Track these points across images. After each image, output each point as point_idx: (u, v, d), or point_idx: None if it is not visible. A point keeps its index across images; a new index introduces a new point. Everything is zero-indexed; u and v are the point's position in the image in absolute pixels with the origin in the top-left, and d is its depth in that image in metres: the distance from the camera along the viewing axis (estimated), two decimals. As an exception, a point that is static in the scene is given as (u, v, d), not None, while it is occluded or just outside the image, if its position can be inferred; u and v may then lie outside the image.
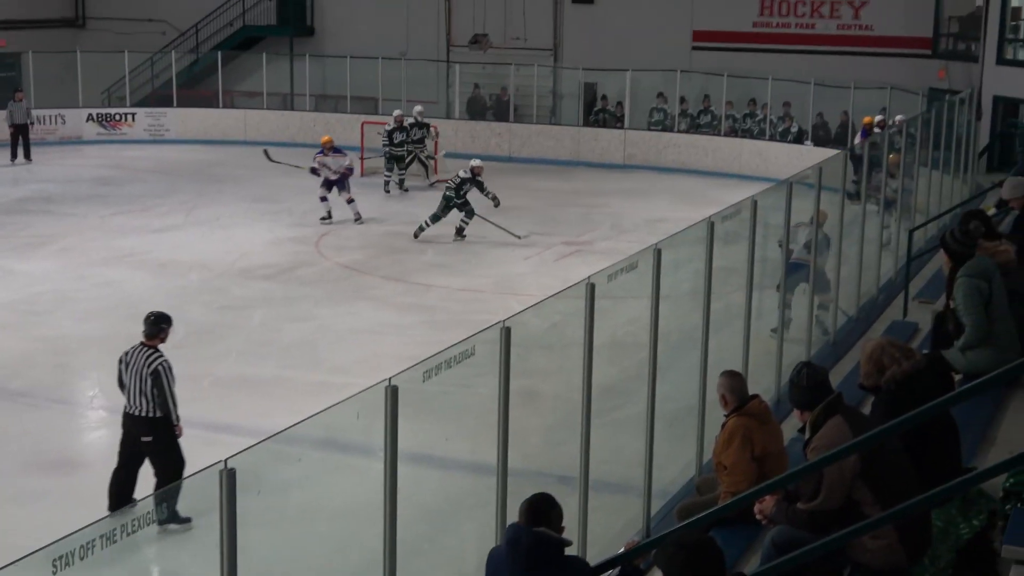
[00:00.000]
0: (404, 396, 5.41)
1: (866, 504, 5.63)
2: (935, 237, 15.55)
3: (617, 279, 7.38)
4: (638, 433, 8.04)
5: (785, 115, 28.41)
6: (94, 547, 4.00)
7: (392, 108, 29.34)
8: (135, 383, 9.56)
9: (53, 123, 31.13)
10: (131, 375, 9.59)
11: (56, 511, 9.58)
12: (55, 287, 17.12)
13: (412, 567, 6.76)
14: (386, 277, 18.02)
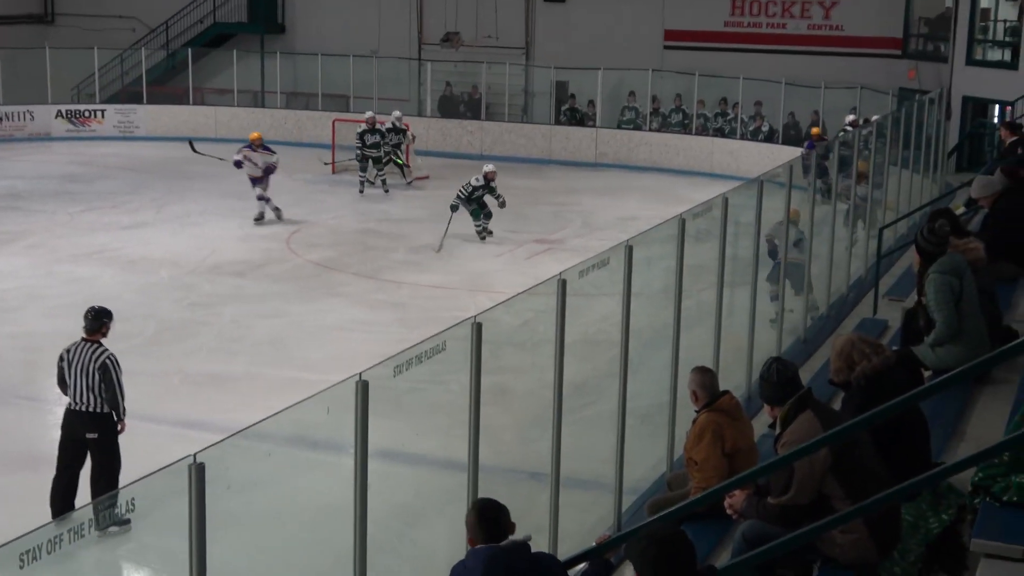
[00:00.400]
0: (375, 392, 5.39)
1: (836, 499, 5.65)
2: (905, 236, 15.64)
3: (588, 276, 7.37)
4: (609, 430, 8.05)
5: (756, 114, 28.51)
6: (62, 542, 3.97)
7: (364, 106, 29.30)
8: (81, 379, 9.37)
9: (22, 119, 30.91)
10: (76, 371, 9.39)
11: (24, 507, 9.50)
12: (23, 284, 17.01)
13: (383, 564, 6.76)
14: (357, 274, 17.98)
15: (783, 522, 5.69)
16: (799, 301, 11.92)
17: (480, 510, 5.40)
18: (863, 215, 14.43)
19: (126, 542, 8.82)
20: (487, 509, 5.41)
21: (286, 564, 8.16)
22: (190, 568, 4.55)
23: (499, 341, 7.39)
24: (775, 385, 6.05)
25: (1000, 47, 26.19)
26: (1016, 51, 24.97)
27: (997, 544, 5.34)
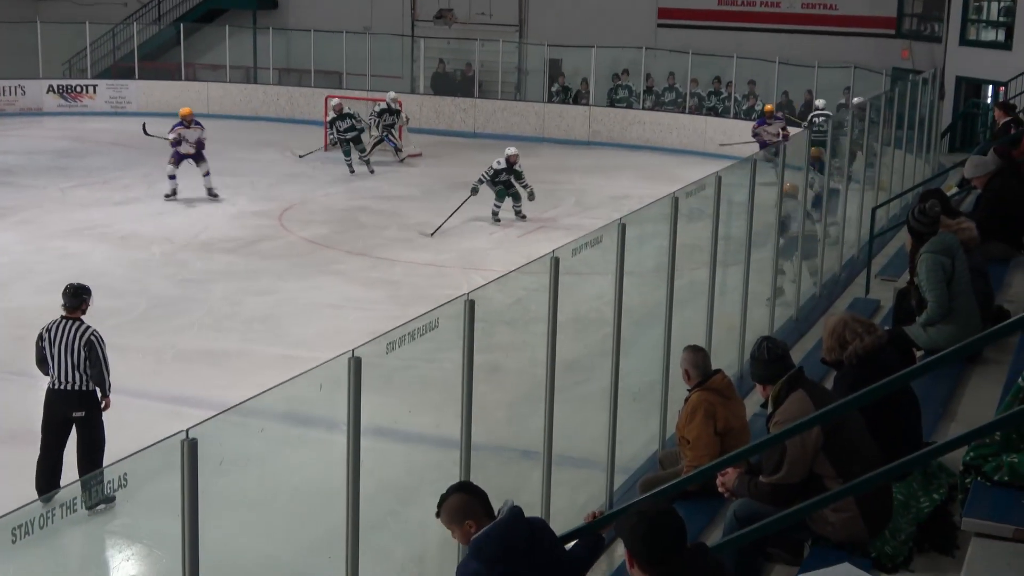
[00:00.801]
0: (367, 369, 5.39)
1: (828, 478, 5.67)
2: (897, 216, 15.65)
3: (581, 254, 7.36)
4: (601, 408, 8.05)
5: (750, 93, 28.48)
6: (53, 517, 3.97)
7: (357, 83, 29.26)
8: (65, 357, 9.27)
9: (13, 94, 30.80)
10: (60, 349, 9.27)
11: (15, 482, 9.50)
12: (14, 259, 16.97)
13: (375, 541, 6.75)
14: (350, 251, 17.96)
15: (774, 501, 5.71)
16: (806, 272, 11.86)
17: (466, 488, 5.32)
18: (818, 207, 13.30)
19: (115, 518, 8.82)
20: (470, 485, 5.37)
21: (279, 540, 8.16)
22: (183, 543, 4.55)
23: (491, 319, 7.36)
24: (765, 363, 6.06)
25: (994, 27, 26.17)
26: (1010, 31, 24.97)
27: (988, 523, 5.35)
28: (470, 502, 5.17)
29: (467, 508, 5.14)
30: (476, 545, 5.03)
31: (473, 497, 5.20)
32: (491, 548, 4.99)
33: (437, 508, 5.24)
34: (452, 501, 5.18)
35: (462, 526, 5.11)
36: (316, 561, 7.77)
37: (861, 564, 5.61)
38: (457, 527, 5.14)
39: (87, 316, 9.60)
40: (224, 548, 6.97)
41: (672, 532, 4.29)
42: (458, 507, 5.16)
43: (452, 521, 5.16)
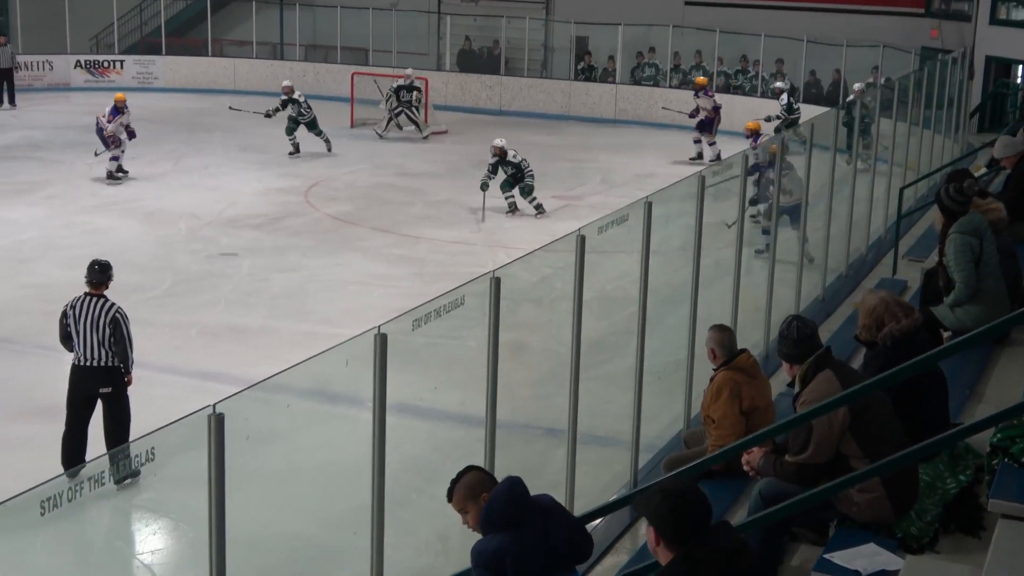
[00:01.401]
0: (393, 346, 5.39)
1: (854, 458, 5.65)
2: (925, 196, 15.56)
3: (607, 232, 7.35)
4: (626, 387, 8.04)
5: (777, 72, 28.32)
6: (82, 490, 3.99)
7: (383, 60, 29.25)
8: (91, 334, 9.29)
9: (41, 69, 30.89)
10: (86, 326, 9.29)
11: (42, 456, 9.56)
12: (42, 234, 17.05)
13: (399, 518, 6.77)
14: (375, 228, 17.97)
15: (800, 480, 5.70)
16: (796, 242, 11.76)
17: (479, 468, 5.37)
18: (794, 222, 11.87)
19: (142, 492, 8.88)
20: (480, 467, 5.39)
21: (304, 516, 8.20)
22: (209, 518, 4.58)
23: (516, 297, 7.37)
24: (795, 342, 6.03)
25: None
26: (1042, 11, 24.76)
27: (1014, 505, 5.34)
28: (485, 479, 5.23)
29: (483, 484, 5.19)
30: (484, 520, 5.07)
31: (486, 475, 5.28)
32: (498, 516, 5.04)
33: (449, 491, 5.25)
34: (469, 477, 5.24)
35: (478, 501, 5.13)
36: (341, 536, 7.80)
37: (887, 544, 5.61)
38: (473, 503, 5.15)
39: (111, 290, 9.64)
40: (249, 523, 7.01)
41: (697, 510, 4.28)
42: (475, 482, 5.20)
43: (469, 497, 5.17)
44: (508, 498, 5.05)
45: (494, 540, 5.00)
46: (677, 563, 4.23)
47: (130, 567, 8.47)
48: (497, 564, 4.96)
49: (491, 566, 4.97)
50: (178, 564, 8.39)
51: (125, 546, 8.81)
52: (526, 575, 4.97)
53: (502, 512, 5.03)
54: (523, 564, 4.96)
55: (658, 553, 4.32)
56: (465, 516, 5.21)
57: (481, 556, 5.02)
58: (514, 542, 4.97)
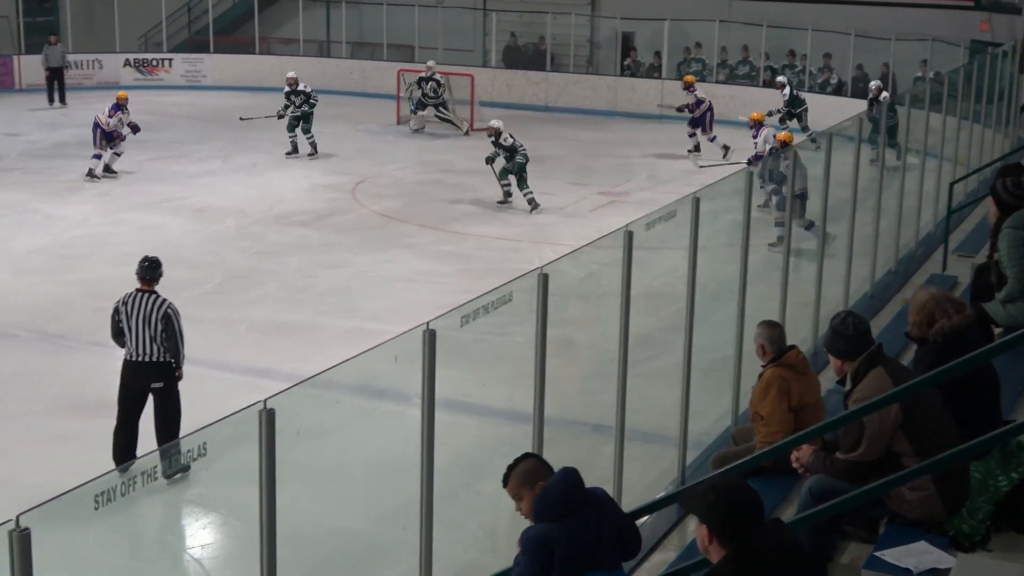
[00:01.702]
0: (441, 342, 5.41)
1: (906, 456, 5.61)
2: (976, 191, 15.42)
3: (654, 229, 7.33)
4: (673, 383, 8.03)
5: (824, 67, 28.13)
6: (135, 484, 4.03)
7: (429, 56, 29.26)
8: (143, 329, 9.35)
9: (90, 68, 31.20)
10: (138, 321, 9.36)
11: (93, 451, 9.67)
12: (92, 231, 17.22)
13: (447, 514, 6.80)
14: (422, 225, 18.02)
15: (851, 478, 5.66)
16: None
17: (536, 456, 5.38)
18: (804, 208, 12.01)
19: (192, 487, 8.96)
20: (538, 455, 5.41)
21: (352, 511, 8.24)
22: (260, 512, 4.61)
23: (564, 293, 7.37)
24: (849, 339, 5.98)
25: (1077, -2, 25.65)
26: (1094, 3, 24.46)
27: (1068, 503, 5.29)
28: (541, 467, 5.23)
29: (539, 472, 5.20)
30: (536, 507, 5.08)
31: (543, 465, 5.27)
32: (551, 504, 5.04)
33: (504, 476, 5.26)
34: (525, 465, 5.25)
35: (533, 489, 5.13)
36: (388, 532, 7.84)
37: (938, 542, 5.57)
38: (528, 490, 5.15)
39: (160, 287, 9.73)
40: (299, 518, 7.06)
41: (750, 507, 4.27)
42: (531, 469, 5.21)
43: (524, 484, 5.18)
44: (562, 488, 5.06)
45: (544, 528, 5.02)
46: (729, 561, 4.21)
47: (180, 561, 8.55)
48: (545, 552, 4.97)
49: (539, 553, 4.99)
50: (227, 559, 8.46)
51: (175, 540, 8.89)
52: (573, 566, 4.97)
53: (555, 501, 5.04)
54: (570, 554, 4.97)
55: (709, 551, 4.30)
56: (519, 503, 5.23)
57: (529, 543, 5.04)
58: (563, 532, 4.98)
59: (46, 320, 13.34)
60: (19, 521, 3.65)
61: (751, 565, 4.18)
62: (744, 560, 4.19)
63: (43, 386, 11.49)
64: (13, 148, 23.12)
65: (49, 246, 16.39)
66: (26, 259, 15.75)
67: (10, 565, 3.68)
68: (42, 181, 20.41)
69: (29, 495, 3.83)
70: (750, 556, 4.19)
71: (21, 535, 3.65)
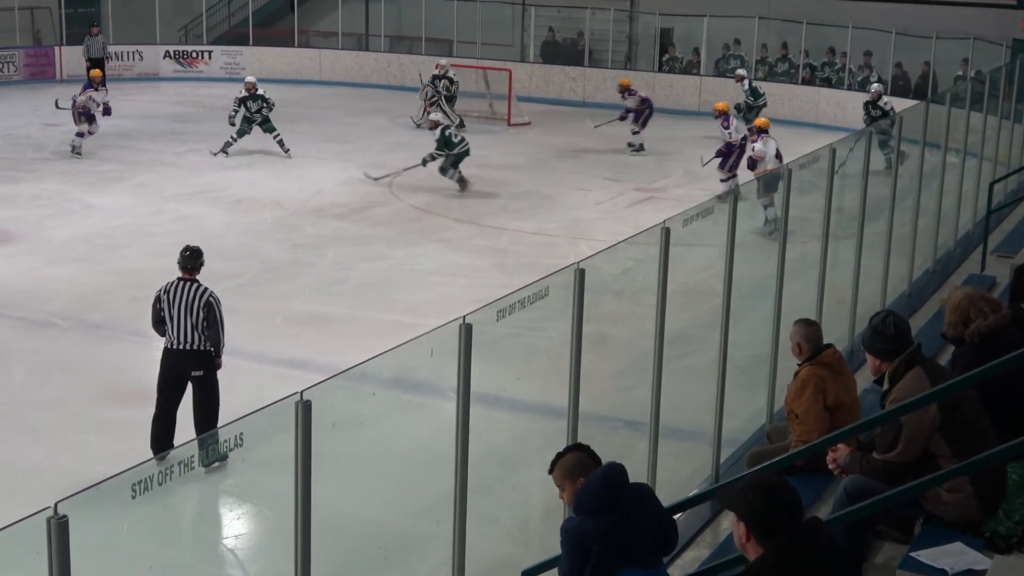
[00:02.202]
0: (476, 336, 5.41)
1: (943, 457, 5.58)
2: (1015, 191, 15.31)
3: (691, 225, 7.32)
4: (708, 380, 8.01)
5: (864, 65, 27.96)
6: (172, 474, 4.06)
7: (467, 51, 29.32)
8: (185, 318, 9.41)
9: (130, 59, 31.40)
10: (180, 309, 9.42)
11: (131, 440, 9.75)
12: (131, 221, 17.33)
13: (480, 506, 6.80)
14: (458, 219, 18.05)
15: (887, 478, 5.63)
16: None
17: (585, 449, 5.34)
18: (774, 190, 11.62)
19: (227, 477, 9.00)
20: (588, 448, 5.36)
21: (386, 504, 8.27)
22: (295, 503, 4.63)
23: (599, 289, 7.37)
24: (889, 338, 5.94)
25: (1121, -3, 25.38)
26: None
27: (1106, 506, 5.25)
28: (587, 461, 5.22)
29: (584, 465, 5.19)
30: (577, 500, 5.09)
31: (590, 458, 5.25)
32: (590, 499, 5.04)
33: (551, 464, 5.29)
34: (570, 457, 5.26)
35: (575, 482, 5.14)
36: (422, 524, 7.86)
37: (974, 543, 5.54)
38: (571, 483, 5.17)
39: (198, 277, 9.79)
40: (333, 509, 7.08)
41: (789, 505, 4.26)
42: (576, 463, 5.21)
43: (567, 476, 5.20)
44: (603, 483, 5.05)
45: (583, 522, 5.02)
46: (767, 558, 4.20)
47: (215, 551, 8.60)
48: (582, 546, 4.98)
49: (576, 546, 5.00)
50: (261, 549, 8.51)
51: (211, 530, 8.94)
52: (609, 562, 4.98)
53: (595, 496, 5.03)
54: (606, 550, 4.97)
55: (747, 549, 4.29)
56: (562, 492, 5.26)
57: (567, 535, 5.05)
58: (601, 527, 4.98)
59: (84, 309, 13.45)
60: (57, 509, 3.69)
61: (788, 564, 4.17)
62: (781, 559, 4.18)
63: (81, 375, 11.59)
64: (53, 138, 23.28)
65: (88, 236, 16.51)
66: (65, 249, 15.87)
67: (48, 552, 3.72)
68: (82, 171, 20.55)
69: (67, 483, 3.86)
70: (787, 555, 4.17)
71: (59, 523, 3.68)
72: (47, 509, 3.68)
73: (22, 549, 3.78)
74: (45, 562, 3.73)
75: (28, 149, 22.46)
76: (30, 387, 11.30)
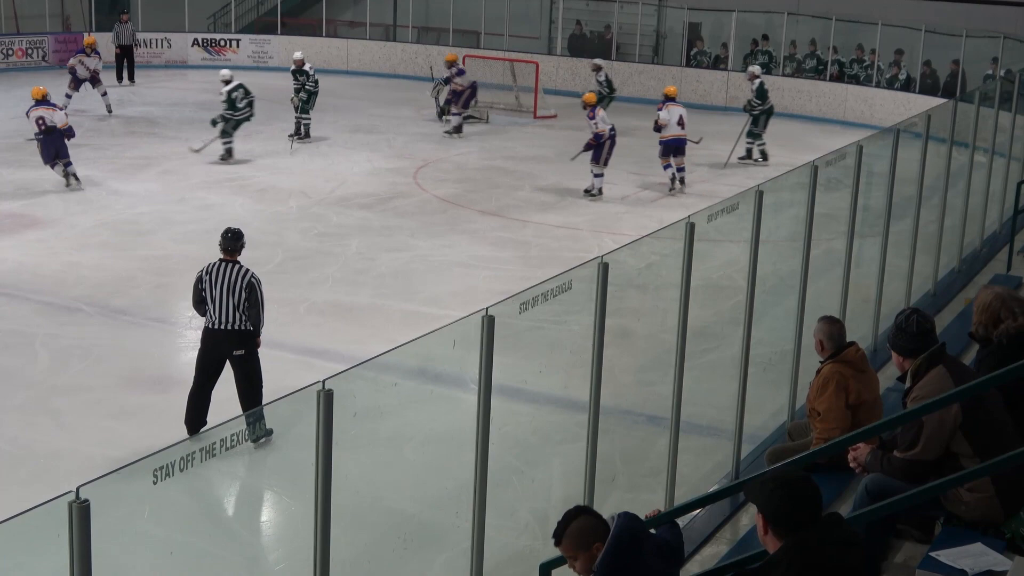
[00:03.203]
0: (498, 329, 5.42)
1: (964, 457, 5.56)
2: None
3: (715, 221, 7.31)
4: (730, 376, 8.00)
5: (894, 62, 27.82)
6: (193, 460, 4.08)
7: (494, 43, 29.28)
8: (226, 298, 9.51)
9: (159, 47, 31.52)
10: (221, 290, 9.51)
11: (153, 426, 9.80)
12: (157, 208, 17.40)
13: (499, 498, 6.81)
14: (483, 211, 18.05)
15: (908, 477, 5.62)
16: None
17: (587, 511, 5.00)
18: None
19: (248, 464, 9.04)
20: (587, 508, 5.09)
21: (407, 493, 8.29)
22: (316, 491, 4.65)
23: (622, 283, 7.36)
24: (913, 336, 5.93)
25: None
26: None
27: None
28: (594, 526, 4.87)
29: (595, 530, 4.85)
30: (605, 572, 4.78)
31: (596, 519, 4.92)
32: (608, 572, 4.77)
33: (556, 535, 4.91)
34: (576, 526, 4.87)
35: (590, 550, 4.81)
36: (441, 515, 7.88)
37: (994, 544, 5.52)
38: (584, 552, 4.82)
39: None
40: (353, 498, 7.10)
41: (809, 498, 4.26)
42: (583, 531, 4.85)
43: (579, 547, 4.83)
44: (615, 553, 4.76)
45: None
46: (787, 550, 4.21)
47: (235, 537, 8.64)
48: None
49: None
50: (282, 536, 8.54)
51: (231, 517, 8.98)
52: None
53: (622, 560, 4.76)
54: None
55: (767, 541, 4.30)
56: (573, 562, 4.91)
57: None
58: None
59: (109, 295, 13.51)
60: (79, 493, 3.71)
61: (806, 557, 4.18)
62: (799, 552, 4.18)
63: (105, 360, 11.64)
64: (81, 124, 23.38)
65: (114, 222, 16.59)
66: (91, 234, 15.95)
67: (69, 536, 3.75)
68: (109, 158, 20.64)
69: (90, 468, 3.89)
70: (805, 549, 4.18)
71: (80, 507, 3.71)
72: (69, 493, 3.71)
73: (44, 532, 3.80)
74: (67, 545, 3.76)
75: (56, 135, 22.55)
76: (54, 371, 11.36)
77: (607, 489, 7.38)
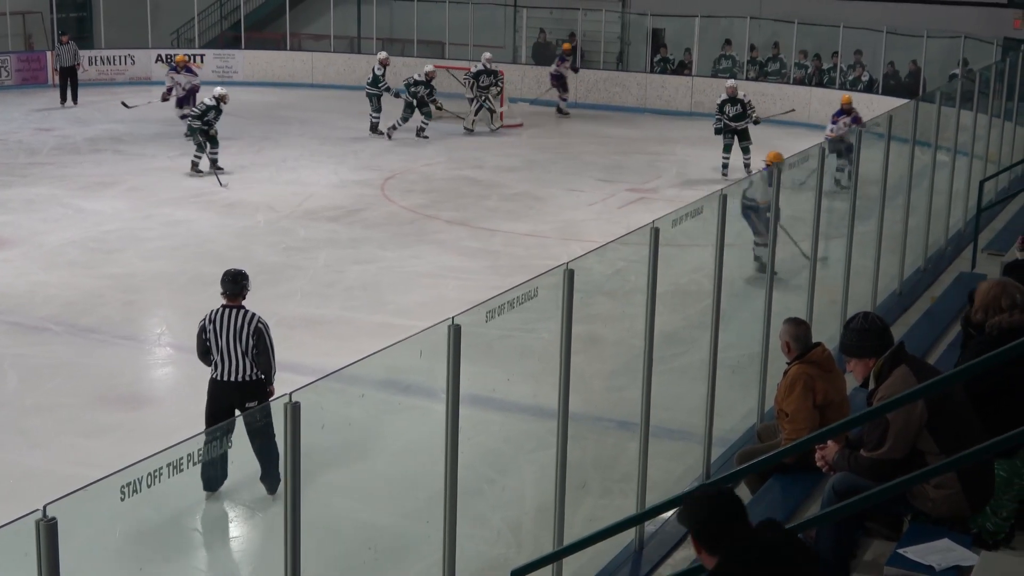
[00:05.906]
0: (466, 338, 5.41)
1: (931, 455, 5.59)
2: (1006, 189, 15.35)
3: (682, 225, 7.34)
4: (699, 380, 8.03)
5: (856, 64, 28.00)
6: (161, 475, 4.07)
7: (459, 53, 29.30)
8: (235, 346, 8.85)
9: (123, 63, 31.39)
10: (228, 339, 8.86)
11: (124, 444, 9.76)
12: (123, 226, 17.32)
13: (472, 507, 6.83)
14: (451, 221, 18.06)
15: (875, 476, 5.64)
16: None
17: None
18: None
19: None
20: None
21: (377, 505, 8.28)
22: (285, 505, 4.65)
23: (590, 290, 7.38)
24: (880, 332, 5.91)
25: (1112, -4, 25.42)
26: None
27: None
28: None
29: None
30: None
31: None
32: None
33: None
34: None
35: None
36: (413, 526, 7.87)
37: (961, 540, 5.56)
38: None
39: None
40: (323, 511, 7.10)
41: (726, 512, 4.25)
42: None
43: None
44: None
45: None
46: (720, 568, 4.22)
47: (206, 553, 8.61)
48: None
49: None
50: (253, 551, 8.52)
51: (201, 532, 8.94)
52: None
53: None
54: None
55: (704, 560, 4.32)
56: None
57: None
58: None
59: (77, 314, 13.44)
60: (46, 511, 3.70)
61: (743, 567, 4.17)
62: (734, 563, 4.18)
63: (75, 379, 11.59)
64: (46, 143, 23.30)
65: (81, 240, 16.51)
66: (58, 253, 15.87)
67: (37, 555, 3.73)
68: (75, 176, 20.55)
69: (62, 487, 3.87)
70: (738, 560, 4.17)
71: (48, 525, 3.69)
72: (36, 511, 3.69)
73: (11, 552, 3.79)
74: (35, 564, 3.74)
75: (21, 154, 22.46)
76: (24, 392, 11.30)
77: (579, 495, 7.40)
